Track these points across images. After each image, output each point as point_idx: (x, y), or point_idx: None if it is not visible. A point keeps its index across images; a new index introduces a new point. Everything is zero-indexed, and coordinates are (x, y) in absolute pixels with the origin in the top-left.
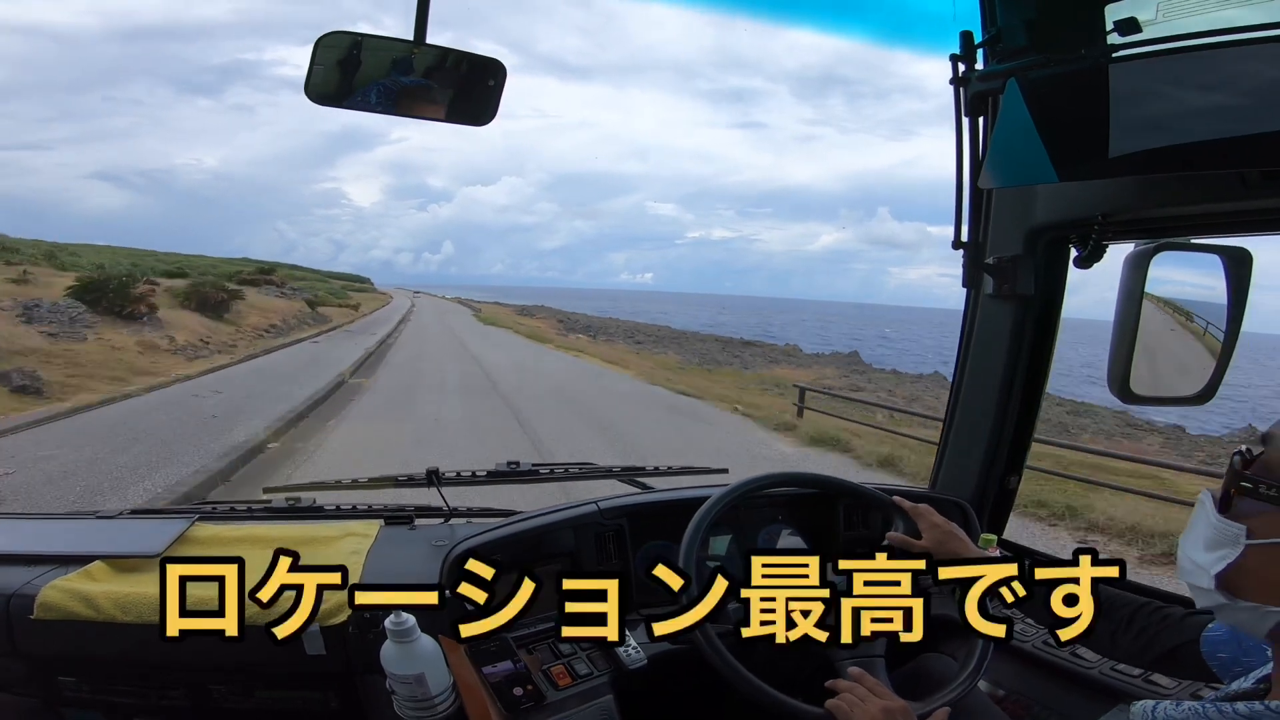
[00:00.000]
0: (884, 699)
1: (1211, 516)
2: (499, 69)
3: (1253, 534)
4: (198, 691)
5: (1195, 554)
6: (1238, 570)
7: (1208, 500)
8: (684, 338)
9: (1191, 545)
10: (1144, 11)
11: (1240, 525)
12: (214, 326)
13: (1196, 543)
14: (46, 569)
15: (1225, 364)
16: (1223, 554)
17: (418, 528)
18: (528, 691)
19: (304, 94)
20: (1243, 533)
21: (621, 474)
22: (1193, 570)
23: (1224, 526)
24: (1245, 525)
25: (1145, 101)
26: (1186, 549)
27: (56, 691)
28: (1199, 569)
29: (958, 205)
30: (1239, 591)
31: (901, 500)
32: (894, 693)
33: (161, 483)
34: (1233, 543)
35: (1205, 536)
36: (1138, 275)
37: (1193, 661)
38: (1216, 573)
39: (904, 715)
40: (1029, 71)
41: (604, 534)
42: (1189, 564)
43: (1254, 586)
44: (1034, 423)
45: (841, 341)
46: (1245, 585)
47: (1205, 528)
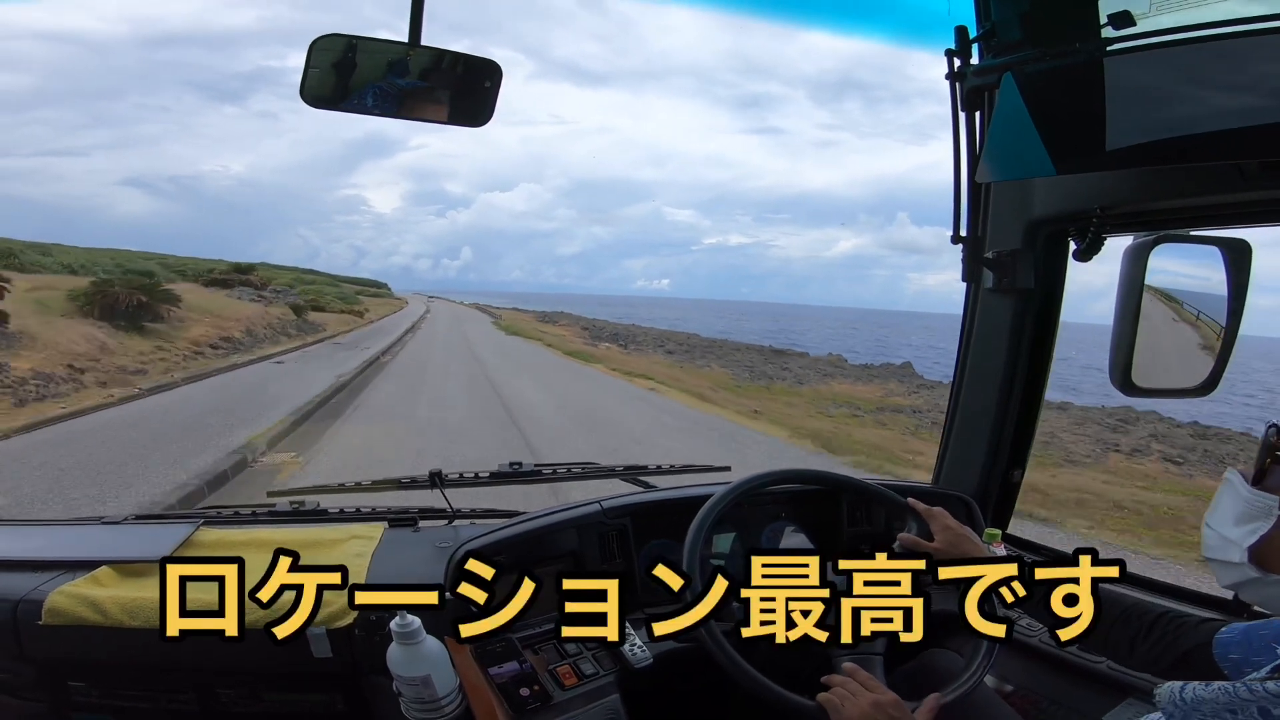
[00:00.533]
0: (875, 693)
1: (1243, 490)
2: (495, 70)
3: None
4: (205, 694)
5: (1225, 529)
6: (1270, 543)
7: (1236, 478)
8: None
9: (1220, 521)
10: (1138, 4)
11: (1275, 497)
12: (122, 343)
13: (1225, 518)
14: (53, 575)
15: (1226, 356)
16: (1255, 527)
17: (422, 529)
18: (534, 692)
19: (300, 97)
20: (1276, 504)
21: (624, 473)
22: (1221, 545)
23: (1257, 499)
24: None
25: (1140, 94)
26: (1214, 524)
27: (65, 696)
28: (1229, 544)
29: (956, 200)
30: (1271, 565)
31: (915, 502)
32: (890, 688)
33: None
34: (1266, 515)
35: (1236, 511)
36: (1137, 268)
37: (1205, 664)
38: (1249, 545)
39: (895, 708)
40: (1024, 66)
41: (607, 533)
42: (1217, 540)
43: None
44: (1036, 416)
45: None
46: (1277, 558)
47: (1236, 502)
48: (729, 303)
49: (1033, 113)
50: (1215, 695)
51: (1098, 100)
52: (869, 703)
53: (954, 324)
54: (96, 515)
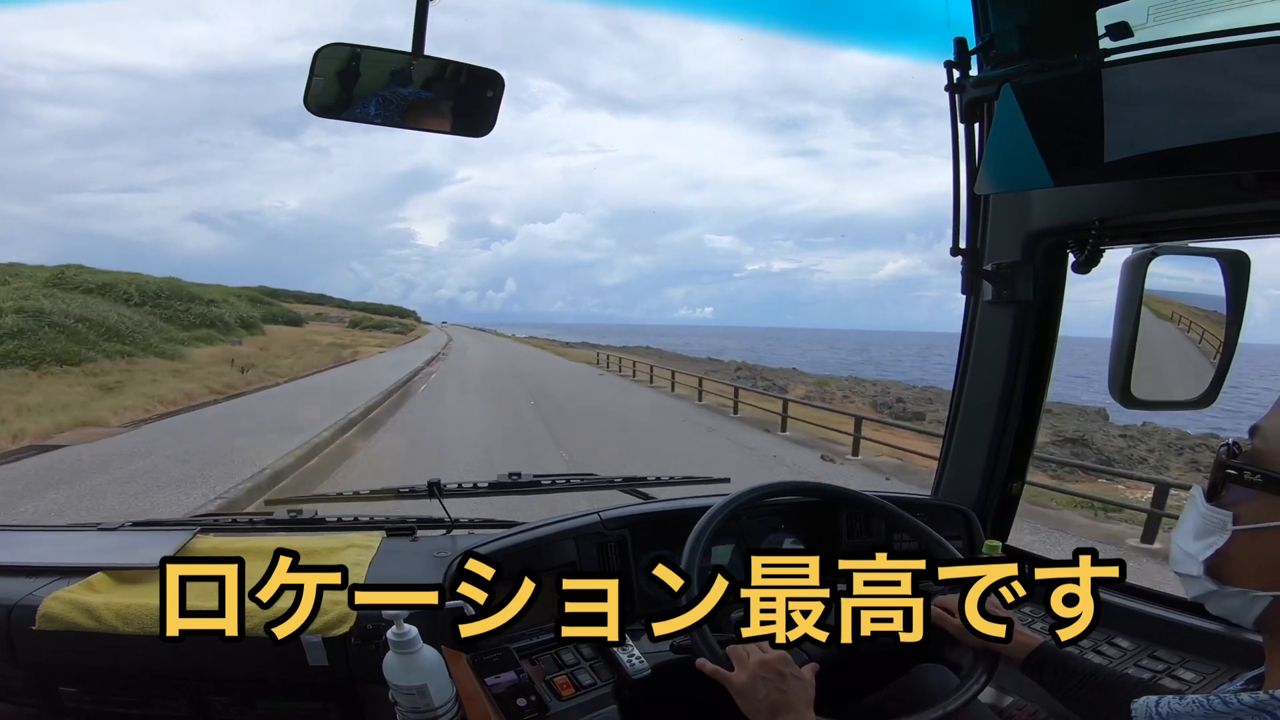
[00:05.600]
0: (766, 655)
1: (1200, 506)
2: (497, 80)
3: (1240, 520)
4: (199, 702)
5: (1185, 544)
6: (1224, 557)
7: (1198, 492)
8: (849, 386)
9: (1183, 536)
10: (1135, 15)
11: (1227, 512)
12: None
13: (1187, 533)
14: (48, 580)
15: (1226, 368)
16: (1210, 541)
17: (419, 539)
18: (531, 702)
19: (304, 106)
20: (1229, 519)
21: (623, 484)
22: (1183, 560)
23: (1211, 514)
24: (1233, 512)
25: (1138, 105)
26: (1178, 540)
27: (57, 702)
28: (1189, 558)
29: (955, 211)
30: (1227, 578)
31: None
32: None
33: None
34: (1220, 529)
35: (1195, 526)
36: (1136, 279)
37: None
38: (1205, 559)
39: (782, 663)
40: (1023, 77)
41: (606, 544)
42: (1180, 554)
43: (1241, 572)
44: (1036, 428)
45: (941, 376)
46: (1233, 571)
47: (1195, 517)
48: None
49: (1031, 124)
50: (1190, 709)
51: (1096, 112)
52: (777, 656)
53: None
54: (93, 522)
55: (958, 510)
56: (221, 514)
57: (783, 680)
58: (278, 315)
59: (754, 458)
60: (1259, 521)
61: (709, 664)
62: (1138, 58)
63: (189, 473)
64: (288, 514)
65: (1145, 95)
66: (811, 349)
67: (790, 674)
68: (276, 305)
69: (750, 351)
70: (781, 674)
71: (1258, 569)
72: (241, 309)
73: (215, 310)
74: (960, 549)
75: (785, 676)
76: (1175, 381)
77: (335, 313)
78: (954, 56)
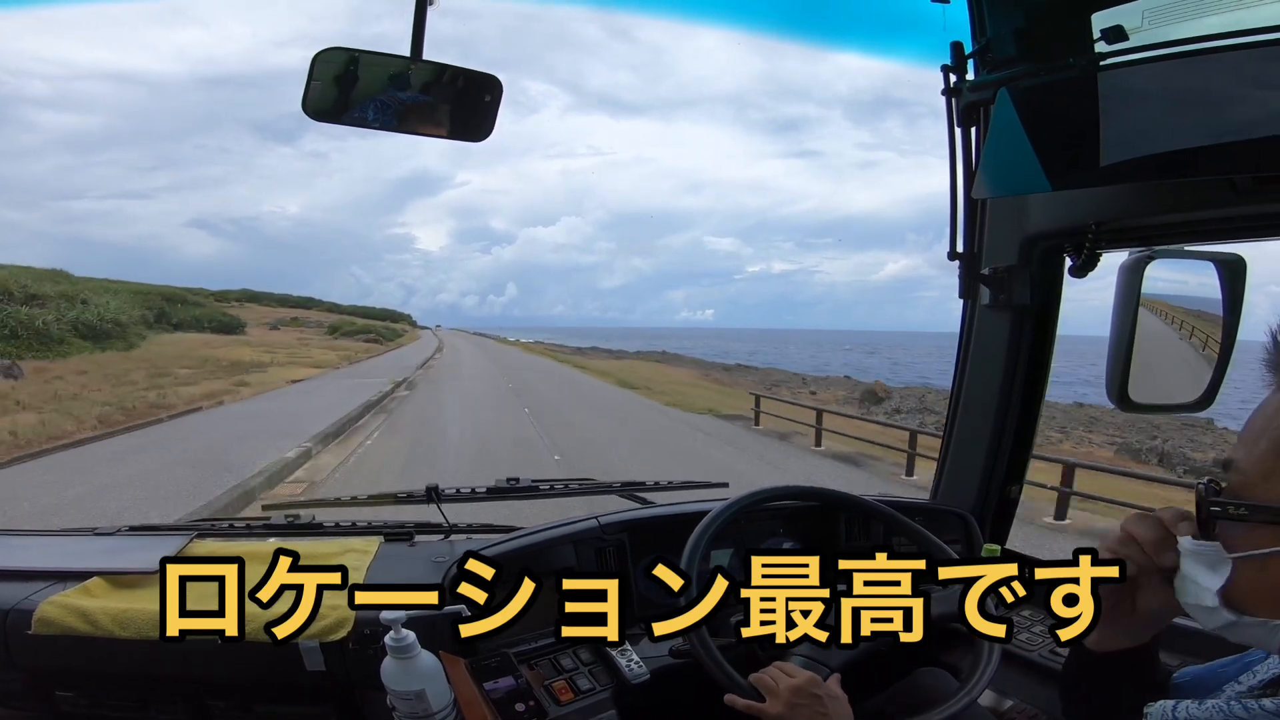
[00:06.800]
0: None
1: (1189, 544)
2: (495, 84)
3: (1237, 549)
4: (196, 707)
5: (1198, 576)
6: (1236, 587)
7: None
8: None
9: (1192, 569)
10: (1130, 19)
11: (1214, 542)
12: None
13: (1198, 566)
14: (45, 585)
15: (1223, 371)
16: (1220, 573)
17: (417, 544)
18: (530, 707)
19: (301, 110)
20: (1220, 550)
21: (622, 489)
22: (1197, 592)
23: (1207, 549)
24: (1229, 542)
25: (1135, 108)
26: (1188, 572)
27: (53, 706)
28: (1203, 590)
29: (953, 216)
30: (1244, 608)
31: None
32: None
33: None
34: (1223, 561)
35: (1197, 564)
36: (1132, 283)
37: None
38: (1218, 589)
39: (813, 684)
40: (1019, 81)
41: (605, 549)
42: (1193, 587)
43: (1258, 601)
44: (1034, 432)
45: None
46: (1248, 601)
47: (1198, 557)
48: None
49: (1027, 128)
50: (1209, 714)
51: (1092, 115)
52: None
53: None
54: (90, 527)
55: (956, 514)
56: (218, 519)
57: (820, 703)
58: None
59: None
60: (1257, 549)
61: (740, 700)
62: (1133, 61)
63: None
64: (284, 519)
65: (1141, 99)
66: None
67: (825, 695)
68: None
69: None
70: (817, 696)
71: (1273, 598)
72: (105, 309)
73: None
74: (959, 553)
75: (822, 699)
76: (1172, 385)
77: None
78: (950, 61)
